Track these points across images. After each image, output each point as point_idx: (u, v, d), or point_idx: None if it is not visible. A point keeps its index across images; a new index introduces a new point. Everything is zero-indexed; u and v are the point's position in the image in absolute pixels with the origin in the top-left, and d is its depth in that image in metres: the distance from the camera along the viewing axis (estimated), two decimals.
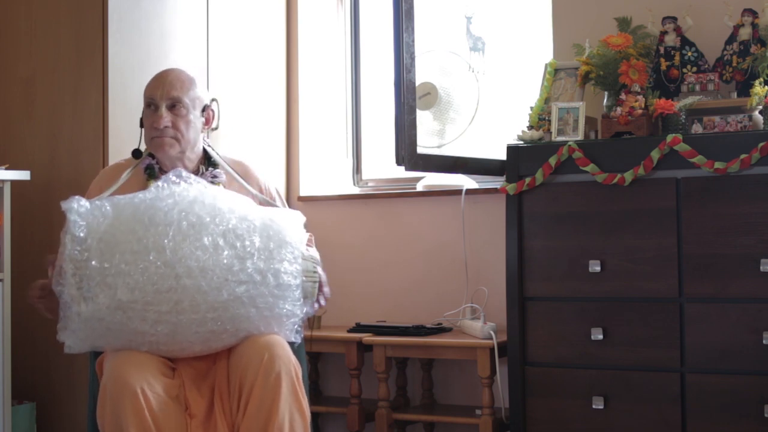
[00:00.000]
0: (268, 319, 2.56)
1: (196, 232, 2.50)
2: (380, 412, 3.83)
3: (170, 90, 2.85)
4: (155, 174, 2.88)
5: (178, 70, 2.92)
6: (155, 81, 2.89)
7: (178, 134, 2.84)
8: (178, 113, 2.85)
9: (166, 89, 2.85)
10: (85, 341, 2.50)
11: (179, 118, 2.85)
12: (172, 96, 2.84)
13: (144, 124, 2.90)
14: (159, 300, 2.44)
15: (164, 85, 2.86)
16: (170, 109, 2.84)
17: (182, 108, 2.85)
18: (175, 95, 2.85)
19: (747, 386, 3.13)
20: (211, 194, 2.60)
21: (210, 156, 2.96)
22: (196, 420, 2.54)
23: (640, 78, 3.42)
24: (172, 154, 2.86)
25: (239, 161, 3.02)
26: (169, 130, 2.83)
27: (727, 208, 3.19)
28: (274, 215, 2.66)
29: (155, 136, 2.84)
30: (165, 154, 2.86)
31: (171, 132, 2.83)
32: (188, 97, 2.87)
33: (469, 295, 4.02)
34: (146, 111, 2.88)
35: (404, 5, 3.49)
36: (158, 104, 2.84)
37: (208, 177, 2.89)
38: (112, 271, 2.44)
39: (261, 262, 2.53)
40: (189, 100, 2.87)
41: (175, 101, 2.85)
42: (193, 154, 2.92)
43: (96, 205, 2.53)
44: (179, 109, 2.85)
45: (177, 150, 2.86)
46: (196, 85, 2.91)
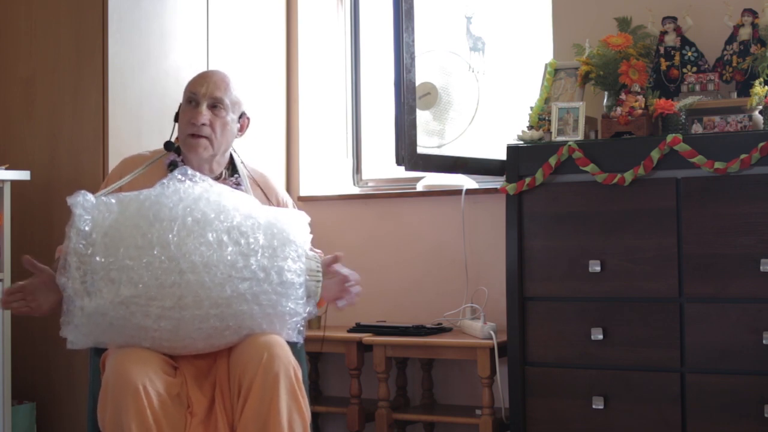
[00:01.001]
0: (271, 316, 2.56)
1: (201, 228, 2.50)
2: (380, 412, 3.83)
3: (214, 89, 2.86)
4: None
5: (222, 72, 2.93)
6: (200, 78, 2.89)
7: (213, 135, 2.85)
8: (217, 114, 2.86)
9: (210, 87, 2.86)
10: (88, 336, 2.51)
11: (217, 119, 2.86)
12: (215, 96, 2.86)
13: (180, 119, 2.89)
14: (162, 295, 2.44)
15: (209, 83, 2.86)
16: (210, 109, 2.85)
17: (222, 109, 2.86)
18: (218, 95, 2.86)
19: (747, 386, 3.13)
20: (216, 192, 2.61)
21: (234, 163, 2.97)
22: (196, 418, 2.54)
23: (640, 78, 3.42)
24: (204, 157, 2.87)
25: (261, 172, 3.03)
26: (206, 128, 2.83)
27: (727, 208, 3.19)
28: (279, 214, 2.66)
29: (191, 134, 2.84)
30: (197, 155, 2.86)
31: (207, 131, 2.84)
32: (230, 100, 2.88)
33: (469, 295, 4.02)
34: (185, 106, 2.87)
35: (404, 5, 3.49)
36: (200, 101, 2.84)
37: (231, 183, 2.90)
38: (116, 266, 2.44)
39: (265, 260, 2.53)
40: (230, 103, 2.88)
41: (216, 101, 2.86)
42: (223, 159, 2.94)
43: (101, 200, 2.54)
44: (219, 110, 2.86)
45: (209, 153, 2.87)
46: (238, 90, 2.92)
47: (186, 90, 2.90)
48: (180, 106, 2.93)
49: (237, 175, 2.96)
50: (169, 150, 2.89)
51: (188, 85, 2.91)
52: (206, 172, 2.87)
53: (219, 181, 2.89)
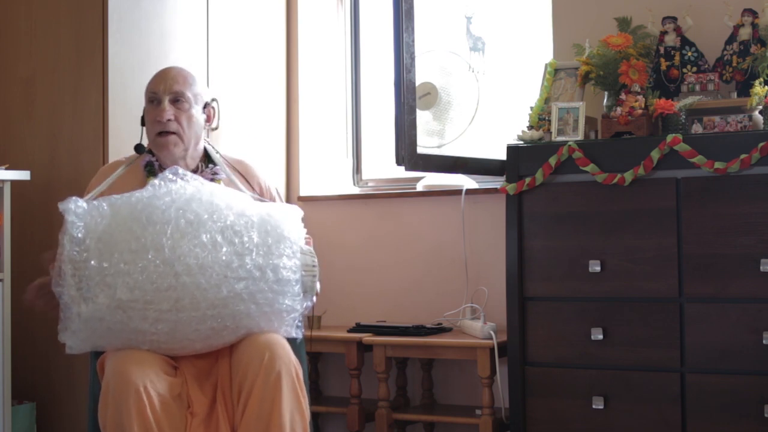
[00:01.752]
0: (268, 314, 2.56)
1: (194, 229, 2.50)
2: (380, 412, 3.83)
3: (173, 84, 2.86)
4: (155, 171, 2.88)
5: (179, 67, 2.93)
6: (157, 76, 2.90)
7: (180, 129, 2.85)
8: (180, 107, 2.86)
9: (168, 83, 2.86)
10: (86, 342, 2.50)
11: (182, 113, 2.86)
12: (175, 90, 2.85)
13: (146, 121, 2.90)
14: (159, 298, 2.44)
15: (167, 80, 2.87)
16: (173, 104, 2.85)
17: (185, 102, 2.86)
18: (178, 89, 2.86)
19: (747, 386, 3.13)
20: (208, 191, 2.60)
21: (210, 155, 2.96)
22: (198, 418, 2.54)
23: (640, 78, 3.42)
24: (176, 154, 2.86)
25: (240, 160, 3.02)
26: (172, 123, 2.83)
27: (727, 208, 3.19)
28: (272, 210, 2.65)
29: (159, 133, 2.84)
30: (169, 153, 2.86)
31: (174, 126, 2.84)
32: (191, 92, 2.88)
33: (469, 295, 4.02)
34: (148, 107, 2.88)
35: (404, 5, 3.49)
36: (161, 98, 2.85)
37: (208, 175, 2.89)
38: (111, 271, 2.44)
39: (260, 258, 2.53)
40: (191, 95, 2.88)
41: (177, 95, 2.85)
42: (196, 153, 2.93)
43: (93, 205, 2.53)
44: (182, 104, 2.86)
45: (181, 149, 2.87)
46: (197, 82, 2.92)
47: (146, 91, 2.90)
48: (144, 109, 2.92)
49: (212, 165, 2.95)
50: (140, 152, 2.90)
51: (147, 85, 2.91)
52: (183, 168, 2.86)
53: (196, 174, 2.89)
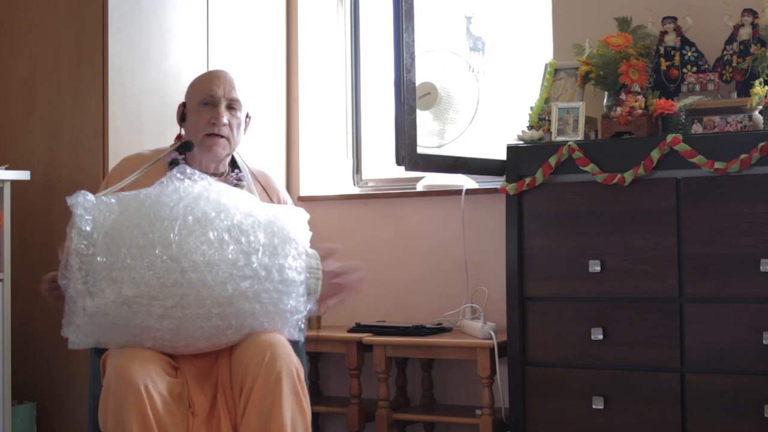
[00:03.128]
0: (272, 314, 2.56)
1: (202, 227, 2.50)
2: (380, 412, 3.83)
3: (231, 90, 2.88)
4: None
5: (229, 72, 2.95)
6: (214, 79, 2.89)
7: (231, 134, 2.87)
8: (234, 114, 2.88)
9: (227, 88, 2.88)
10: (90, 336, 2.50)
11: (234, 119, 2.88)
12: (232, 96, 2.88)
13: (194, 120, 2.87)
14: (164, 294, 2.44)
15: (224, 84, 2.88)
16: (228, 109, 2.87)
17: (238, 110, 2.89)
18: (235, 96, 2.88)
19: (747, 386, 3.13)
20: (216, 190, 2.61)
21: (236, 161, 2.98)
22: (198, 418, 2.54)
23: (640, 78, 3.42)
24: (221, 156, 2.88)
25: (263, 171, 3.04)
26: (226, 128, 2.85)
27: (727, 208, 3.19)
28: (279, 212, 2.66)
29: (210, 134, 2.85)
30: (214, 154, 2.87)
31: (226, 131, 2.86)
32: (242, 100, 2.91)
33: (469, 295, 4.02)
34: (199, 107, 2.87)
35: (404, 5, 3.49)
36: (218, 102, 2.85)
37: (232, 180, 2.91)
38: (117, 266, 2.44)
39: (266, 258, 2.53)
40: (242, 103, 2.91)
41: (233, 102, 2.88)
42: (228, 158, 2.95)
43: (102, 200, 2.54)
44: (235, 111, 2.89)
45: (227, 152, 2.90)
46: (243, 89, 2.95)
47: (197, 91, 2.89)
48: (184, 106, 2.92)
49: (238, 171, 2.96)
50: (189, 149, 2.89)
51: (199, 85, 2.90)
52: (212, 171, 2.88)
53: (222, 178, 2.90)
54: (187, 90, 2.95)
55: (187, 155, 2.90)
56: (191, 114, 2.89)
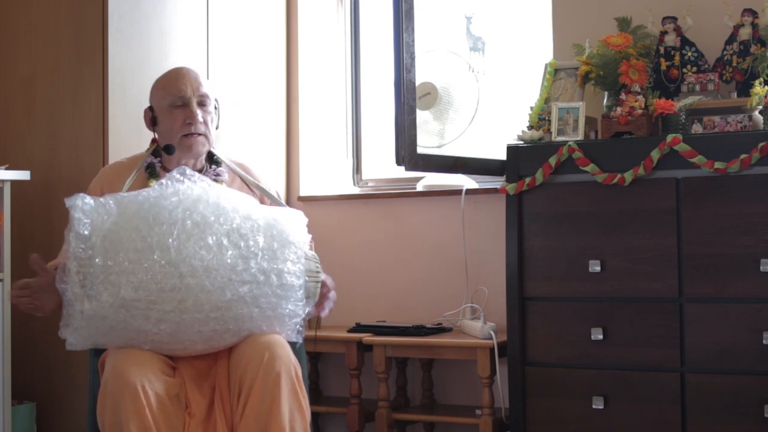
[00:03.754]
0: (271, 319, 2.56)
1: (201, 231, 2.50)
2: (380, 412, 3.83)
3: (198, 86, 2.87)
4: (156, 173, 2.87)
5: (191, 68, 2.93)
6: (180, 78, 2.87)
7: (207, 130, 2.87)
8: (206, 110, 2.87)
9: (194, 86, 2.86)
10: (88, 339, 2.50)
11: (207, 114, 2.87)
12: (201, 93, 2.86)
13: (168, 123, 2.86)
14: (162, 299, 2.44)
15: (191, 82, 2.86)
16: (199, 106, 2.86)
17: (209, 105, 2.88)
18: (204, 92, 2.87)
19: (747, 386, 3.13)
20: (215, 193, 2.60)
21: (213, 155, 2.96)
22: (195, 419, 2.53)
23: (640, 78, 3.42)
24: (201, 153, 2.88)
25: (241, 163, 3.02)
26: (202, 126, 2.84)
27: (727, 208, 3.19)
28: (278, 215, 2.65)
29: (187, 134, 2.84)
30: (193, 153, 2.86)
31: (203, 128, 2.85)
32: (210, 93, 2.90)
33: (469, 295, 4.02)
34: (171, 109, 2.85)
35: (404, 5, 3.49)
36: (189, 101, 2.84)
37: (211, 175, 2.89)
38: (116, 270, 2.44)
39: (264, 262, 2.53)
40: (211, 97, 2.90)
41: (203, 97, 2.87)
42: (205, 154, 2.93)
43: (100, 203, 2.53)
44: (207, 106, 2.88)
45: (206, 148, 2.89)
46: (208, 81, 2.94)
47: (165, 93, 2.86)
48: (152, 110, 2.90)
49: (215, 167, 2.95)
50: (171, 153, 2.88)
51: (165, 88, 2.87)
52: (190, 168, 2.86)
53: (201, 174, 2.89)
54: (152, 93, 2.92)
55: (164, 157, 2.89)
56: (163, 117, 2.87)
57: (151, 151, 2.93)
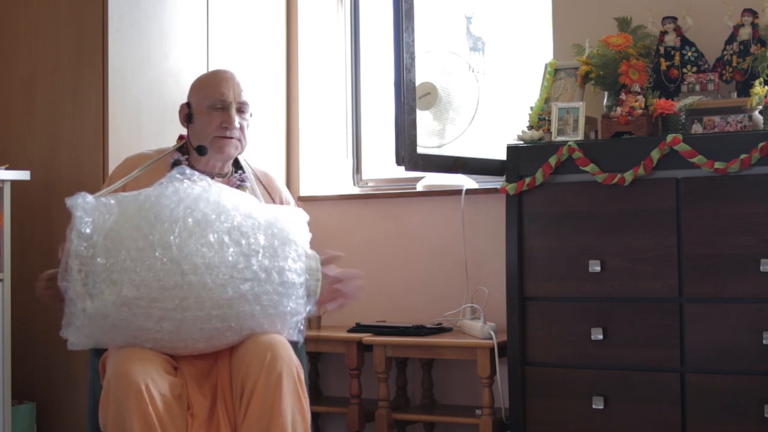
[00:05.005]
0: (272, 317, 2.56)
1: (202, 229, 2.50)
2: (380, 412, 3.83)
3: (240, 93, 2.88)
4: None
5: (235, 73, 2.94)
6: (222, 82, 2.88)
7: (242, 136, 2.89)
8: (243, 117, 2.89)
9: (236, 91, 2.88)
10: (89, 338, 2.50)
11: (244, 122, 2.90)
12: (242, 100, 2.89)
13: (205, 123, 2.86)
14: (164, 297, 2.44)
15: (234, 87, 2.88)
16: (238, 112, 2.87)
17: (247, 112, 2.91)
18: (244, 99, 2.89)
19: (747, 386, 3.13)
20: (216, 191, 2.61)
21: (238, 161, 2.98)
22: (198, 420, 2.53)
23: (640, 78, 3.42)
24: (232, 156, 2.90)
25: (265, 172, 3.05)
26: (237, 131, 2.86)
27: (727, 208, 3.19)
28: (278, 213, 2.66)
29: (221, 136, 2.85)
30: (225, 155, 2.87)
31: (238, 134, 2.87)
32: (250, 103, 2.92)
33: (469, 295, 4.02)
34: (209, 110, 2.86)
35: (404, 5, 3.49)
36: (228, 106, 2.85)
37: (235, 181, 2.91)
38: (117, 268, 2.44)
39: (266, 260, 2.53)
40: (249, 106, 2.92)
41: (243, 105, 2.89)
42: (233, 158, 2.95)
43: (101, 201, 2.53)
44: (245, 114, 2.90)
45: (237, 152, 2.91)
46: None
47: (207, 94, 2.87)
48: (188, 106, 2.90)
49: (241, 172, 2.96)
50: (204, 155, 2.88)
51: (207, 88, 2.88)
52: (216, 171, 2.88)
53: (225, 179, 2.90)
54: (192, 90, 2.93)
55: (192, 156, 2.89)
56: (200, 117, 2.88)
57: (177, 148, 2.93)
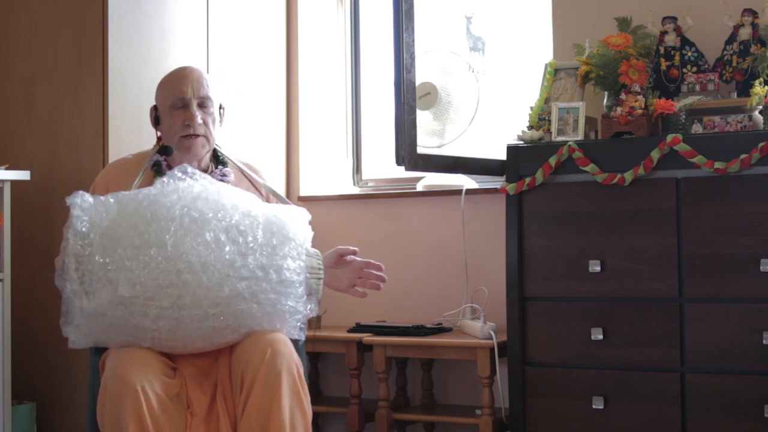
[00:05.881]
0: (271, 315, 2.56)
1: (198, 227, 2.50)
2: (380, 412, 3.83)
3: (200, 88, 2.86)
4: (162, 171, 2.87)
5: (196, 68, 2.92)
6: (181, 79, 2.87)
7: (208, 132, 2.86)
8: (207, 111, 2.86)
9: (196, 87, 2.85)
10: (89, 336, 2.51)
11: (208, 116, 2.86)
12: (202, 95, 2.85)
13: (169, 123, 2.86)
14: (160, 295, 2.44)
15: (193, 83, 2.86)
16: (200, 107, 2.85)
17: (211, 106, 2.87)
18: (205, 93, 2.86)
19: (747, 386, 3.13)
20: (216, 190, 2.60)
21: (219, 155, 2.97)
22: (197, 418, 2.53)
23: (640, 78, 3.42)
24: (201, 154, 2.87)
25: (247, 162, 3.03)
26: (201, 127, 2.84)
27: (727, 208, 3.19)
28: (279, 212, 2.65)
29: (186, 135, 2.84)
30: (193, 154, 2.86)
31: (202, 129, 2.84)
32: (213, 95, 2.89)
33: (469, 295, 4.02)
34: (171, 111, 2.85)
35: (404, 5, 3.49)
36: (189, 102, 2.84)
37: (217, 176, 2.89)
38: (113, 266, 2.44)
39: (263, 258, 2.53)
40: (213, 98, 2.89)
41: (204, 99, 2.86)
42: (209, 154, 2.94)
43: (99, 200, 2.53)
44: (208, 108, 2.87)
45: (206, 149, 2.88)
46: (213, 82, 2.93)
47: (167, 94, 2.86)
48: (155, 109, 2.90)
49: (222, 166, 2.95)
50: (168, 155, 2.88)
51: (168, 88, 2.87)
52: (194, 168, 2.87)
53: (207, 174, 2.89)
54: (157, 92, 2.92)
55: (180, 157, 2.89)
56: (164, 117, 2.88)
57: (157, 150, 2.93)
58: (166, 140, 2.89)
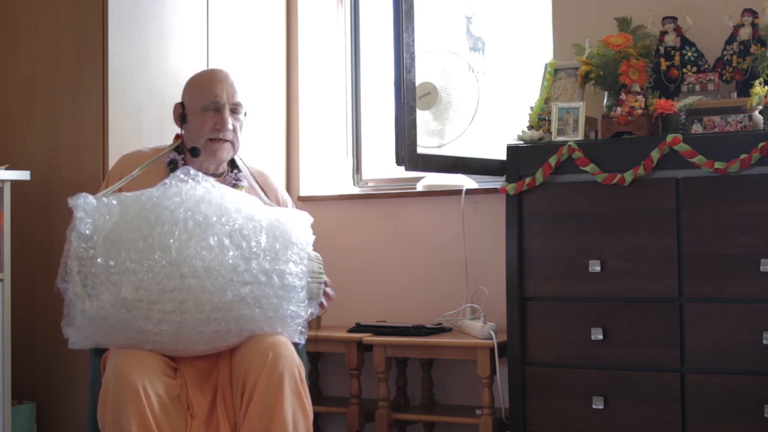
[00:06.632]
0: (273, 319, 2.56)
1: (202, 231, 2.50)
2: (380, 412, 3.83)
3: (234, 94, 2.89)
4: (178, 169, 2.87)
5: (229, 73, 2.94)
6: (216, 83, 2.88)
7: (235, 138, 2.89)
8: (236, 118, 2.90)
9: (230, 92, 2.88)
10: (90, 338, 2.51)
11: (237, 122, 2.89)
12: (236, 101, 2.89)
13: (198, 124, 2.87)
14: (163, 299, 2.44)
15: (228, 89, 2.88)
16: (231, 113, 2.87)
17: (240, 113, 2.91)
18: (237, 100, 2.90)
19: (747, 386, 3.13)
20: (219, 193, 2.60)
21: (234, 161, 2.98)
22: (197, 420, 2.54)
23: (640, 78, 3.42)
24: (225, 159, 2.89)
25: (261, 171, 3.04)
26: (230, 133, 2.86)
27: (727, 208, 3.19)
28: (281, 216, 2.65)
29: (214, 138, 2.84)
30: (217, 159, 2.87)
31: (231, 135, 2.86)
32: (243, 102, 2.92)
33: (469, 295, 4.02)
34: (202, 112, 2.86)
35: (404, 5, 3.49)
36: (222, 107, 2.85)
37: (231, 180, 2.90)
38: (117, 269, 2.44)
39: (266, 263, 2.53)
40: (243, 105, 2.92)
41: (236, 106, 2.89)
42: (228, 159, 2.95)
43: (103, 202, 2.53)
44: (239, 114, 2.90)
45: (231, 155, 2.91)
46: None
47: (200, 95, 2.87)
48: (182, 106, 2.91)
49: (236, 171, 2.96)
50: (196, 156, 2.88)
51: (201, 89, 2.88)
52: (211, 171, 2.88)
53: (220, 179, 2.90)
54: (186, 91, 2.94)
55: (187, 156, 2.89)
56: (193, 117, 2.88)
57: (174, 147, 2.93)
58: (191, 140, 2.88)
